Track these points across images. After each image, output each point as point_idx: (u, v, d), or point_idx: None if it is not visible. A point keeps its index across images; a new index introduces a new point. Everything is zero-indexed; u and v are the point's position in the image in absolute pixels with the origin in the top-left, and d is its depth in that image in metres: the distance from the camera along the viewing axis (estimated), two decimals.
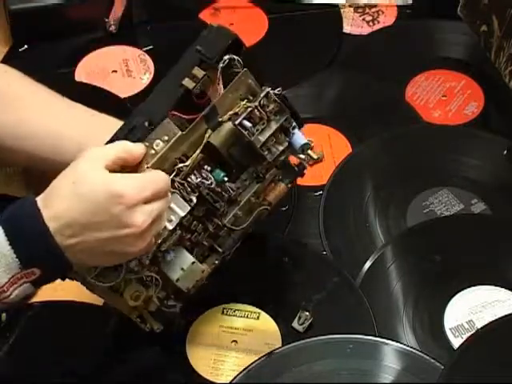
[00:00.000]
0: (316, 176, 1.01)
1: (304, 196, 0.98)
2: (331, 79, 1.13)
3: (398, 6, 1.23)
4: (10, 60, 1.15)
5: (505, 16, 1.05)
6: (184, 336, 0.85)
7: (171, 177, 0.74)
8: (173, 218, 0.74)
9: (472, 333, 0.83)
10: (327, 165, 1.02)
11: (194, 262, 0.78)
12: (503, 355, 0.79)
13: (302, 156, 0.84)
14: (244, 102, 0.77)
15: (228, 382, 0.81)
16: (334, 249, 0.93)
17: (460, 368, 0.78)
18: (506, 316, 0.84)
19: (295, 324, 0.85)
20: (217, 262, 0.82)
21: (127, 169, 0.72)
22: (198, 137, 0.76)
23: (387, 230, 0.94)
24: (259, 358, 0.81)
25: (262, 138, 0.78)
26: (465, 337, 0.83)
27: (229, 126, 0.76)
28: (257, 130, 0.77)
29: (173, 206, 0.74)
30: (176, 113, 0.76)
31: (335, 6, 1.23)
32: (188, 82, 0.77)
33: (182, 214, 0.75)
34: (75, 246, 0.69)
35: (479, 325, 0.84)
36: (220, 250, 0.81)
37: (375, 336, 0.83)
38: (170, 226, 0.74)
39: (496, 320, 0.83)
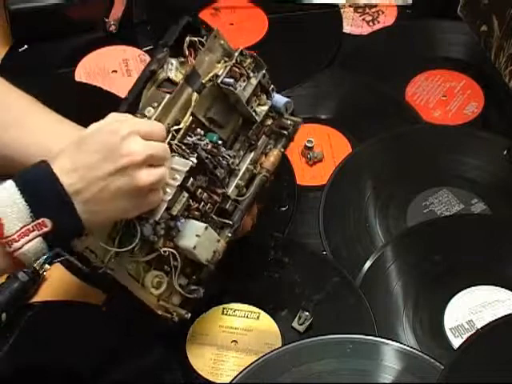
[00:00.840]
0: (316, 176, 1.01)
1: (304, 196, 0.98)
2: (331, 79, 1.13)
3: (398, 6, 1.23)
4: (10, 60, 1.15)
5: (505, 16, 1.05)
6: (184, 336, 0.85)
7: (167, 140, 0.76)
8: (177, 176, 0.76)
9: (472, 333, 0.83)
10: (327, 165, 1.02)
11: (207, 227, 0.79)
12: (503, 355, 0.79)
13: (288, 117, 0.87)
14: (221, 63, 0.82)
15: (228, 381, 0.81)
16: (333, 249, 0.93)
17: (460, 368, 0.78)
18: (506, 316, 0.84)
19: (295, 324, 0.85)
20: (229, 234, 0.82)
21: None
22: (185, 101, 0.79)
23: (387, 230, 0.94)
24: (259, 358, 0.82)
25: (246, 94, 0.82)
26: (465, 337, 0.83)
27: (206, 91, 0.80)
28: (239, 86, 0.81)
29: (174, 166, 0.76)
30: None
31: (335, 6, 1.23)
32: (154, 66, 0.81)
33: (185, 169, 0.76)
34: (83, 192, 0.70)
35: (479, 325, 0.84)
36: (230, 222, 0.82)
37: (375, 336, 0.83)
38: (177, 182, 0.76)
39: (496, 320, 0.83)
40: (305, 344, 0.83)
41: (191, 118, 0.80)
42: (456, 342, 0.83)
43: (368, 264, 0.90)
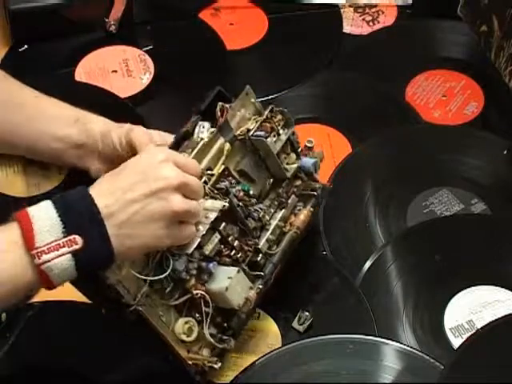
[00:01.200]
0: None
1: None
2: (331, 79, 1.13)
3: (398, 6, 1.23)
4: (10, 60, 1.14)
5: (505, 16, 1.05)
6: None
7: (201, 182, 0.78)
8: (210, 215, 0.77)
9: (472, 333, 0.83)
10: (327, 165, 1.02)
11: (239, 271, 0.79)
12: (503, 355, 0.79)
13: (316, 177, 0.90)
14: (252, 120, 0.85)
15: (228, 382, 0.81)
16: (333, 249, 0.93)
17: (460, 368, 0.78)
18: (506, 316, 0.84)
19: (295, 324, 0.85)
20: (261, 286, 0.82)
21: None
22: (218, 150, 0.82)
23: (387, 230, 0.94)
24: (259, 358, 0.82)
25: (277, 146, 0.84)
26: (465, 337, 0.83)
27: (238, 144, 0.84)
28: (270, 139, 0.84)
29: (207, 206, 0.78)
30: None
31: (335, 6, 1.23)
32: (187, 127, 0.83)
33: (218, 207, 0.78)
34: (117, 214, 0.71)
35: (479, 325, 0.84)
36: (261, 273, 0.82)
37: (375, 336, 0.83)
38: (209, 220, 0.77)
39: (496, 320, 0.83)
40: (305, 344, 0.83)
41: (223, 167, 0.81)
42: (456, 342, 0.83)
43: (368, 264, 0.90)
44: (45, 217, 0.69)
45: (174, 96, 1.10)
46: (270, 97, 1.09)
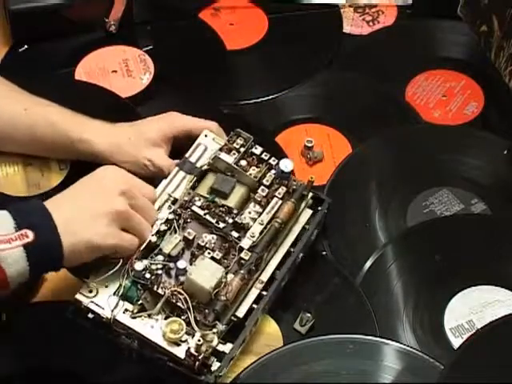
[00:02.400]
0: (316, 176, 1.01)
1: None
2: (331, 79, 1.13)
3: (398, 6, 1.23)
4: (10, 60, 1.14)
5: (505, 16, 1.05)
6: None
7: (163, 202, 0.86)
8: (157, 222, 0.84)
9: (472, 333, 0.83)
10: (327, 165, 1.02)
11: (203, 258, 0.81)
12: (503, 355, 0.79)
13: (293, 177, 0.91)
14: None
15: (228, 382, 0.81)
16: (333, 249, 0.93)
17: (460, 368, 0.78)
18: (506, 316, 0.84)
19: (297, 326, 0.85)
20: (242, 272, 0.82)
21: None
22: (179, 182, 0.89)
23: (387, 230, 0.94)
24: (259, 358, 0.81)
25: (233, 158, 0.89)
26: (465, 337, 0.83)
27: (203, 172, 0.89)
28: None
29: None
30: None
31: (335, 6, 1.23)
32: None
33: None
34: (63, 209, 0.78)
35: (479, 325, 0.84)
36: (243, 261, 0.83)
37: (375, 336, 0.83)
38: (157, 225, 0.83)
39: (496, 320, 0.83)
40: (305, 344, 0.83)
41: (191, 194, 0.87)
42: (456, 342, 0.83)
43: (368, 264, 0.90)
44: None
45: (173, 96, 1.10)
46: (270, 97, 1.09)
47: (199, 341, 0.77)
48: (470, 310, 0.86)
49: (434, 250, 0.91)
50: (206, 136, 0.92)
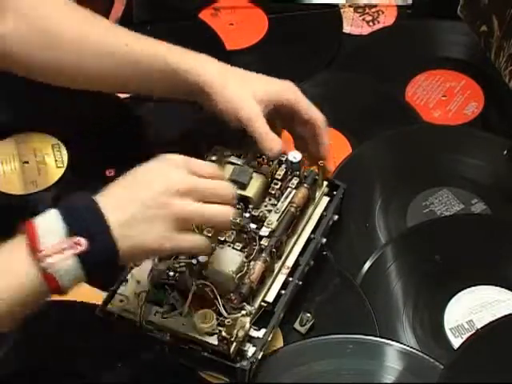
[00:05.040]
0: None
1: None
2: (331, 79, 1.13)
3: (398, 6, 1.23)
4: None
5: (505, 16, 1.05)
6: None
7: None
8: None
9: (472, 333, 0.83)
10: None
11: (222, 247, 0.81)
12: (503, 355, 0.79)
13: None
14: None
15: (229, 382, 0.81)
16: (333, 249, 0.92)
17: (460, 368, 0.78)
18: (506, 316, 0.84)
19: (297, 326, 0.85)
20: (264, 255, 0.82)
21: None
22: None
23: (387, 230, 0.94)
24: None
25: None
26: (465, 337, 0.83)
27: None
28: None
29: None
30: None
31: (335, 6, 1.23)
32: None
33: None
34: (118, 212, 0.71)
35: (479, 325, 0.84)
36: (263, 246, 0.83)
37: (375, 336, 0.83)
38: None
39: (496, 320, 0.83)
40: (305, 344, 0.83)
41: None
42: (456, 342, 0.83)
43: (368, 264, 0.90)
44: (48, 222, 0.69)
45: None
46: None
47: (229, 322, 0.77)
48: (470, 310, 0.86)
49: (434, 250, 0.91)
50: None
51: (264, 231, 0.84)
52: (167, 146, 1.04)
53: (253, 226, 0.85)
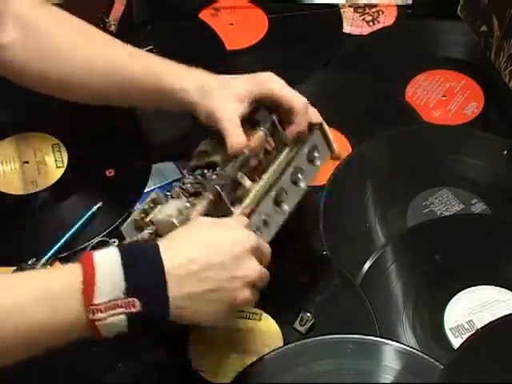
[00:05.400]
0: (316, 176, 1.01)
1: (304, 196, 0.98)
2: (331, 79, 1.13)
3: (398, 6, 1.23)
4: None
5: (505, 16, 1.05)
6: (186, 337, 0.85)
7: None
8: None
9: (472, 333, 0.83)
10: (327, 165, 1.01)
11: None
12: (503, 355, 0.79)
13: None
14: None
15: (228, 382, 0.81)
16: (333, 249, 0.93)
17: (460, 368, 0.78)
18: (506, 316, 0.84)
19: (297, 325, 0.85)
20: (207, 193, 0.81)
21: None
22: None
23: (387, 230, 0.94)
24: (259, 358, 0.81)
25: None
26: (465, 337, 0.83)
27: None
28: None
29: None
30: None
31: (335, 6, 1.23)
32: None
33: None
34: (183, 286, 0.69)
35: (479, 325, 0.84)
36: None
37: (375, 336, 0.83)
38: None
39: (496, 320, 0.83)
40: (305, 344, 0.83)
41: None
42: (456, 342, 0.83)
43: (368, 264, 0.90)
44: (109, 271, 0.67)
45: None
46: None
47: None
48: (470, 310, 0.86)
49: (434, 250, 0.91)
50: None
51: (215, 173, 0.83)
52: (167, 146, 1.05)
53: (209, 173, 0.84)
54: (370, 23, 1.22)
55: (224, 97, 0.86)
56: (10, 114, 1.06)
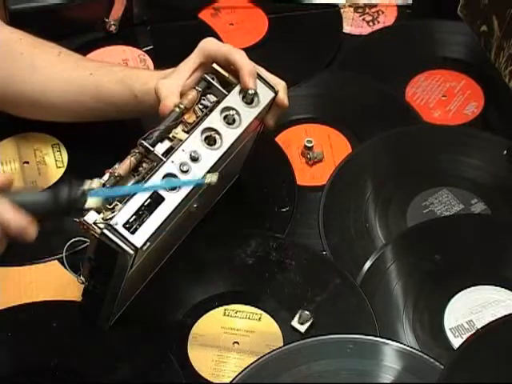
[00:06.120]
0: (316, 176, 1.01)
1: (304, 196, 0.98)
2: (331, 79, 1.13)
3: (398, 6, 1.23)
4: None
5: (505, 16, 1.05)
6: (186, 337, 0.85)
7: None
8: None
9: (472, 333, 0.83)
10: (327, 165, 1.02)
11: None
12: (503, 355, 0.79)
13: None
14: None
15: (228, 382, 0.81)
16: (333, 249, 0.93)
17: (460, 368, 0.78)
18: (506, 316, 0.84)
19: (296, 324, 0.85)
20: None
21: None
22: None
23: (387, 230, 0.94)
24: (259, 358, 0.82)
25: None
26: (465, 337, 0.83)
27: None
28: None
29: None
30: None
31: (335, 6, 1.23)
32: None
33: None
34: None
35: (479, 325, 0.84)
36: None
37: (375, 336, 0.83)
38: None
39: (496, 320, 0.83)
40: (305, 344, 0.83)
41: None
42: (456, 342, 0.83)
43: (368, 264, 0.90)
44: None
45: None
46: None
47: None
48: (470, 310, 0.86)
49: (434, 250, 0.91)
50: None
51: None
52: None
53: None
54: (370, 23, 1.22)
55: (171, 79, 0.88)
56: (10, 114, 1.06)
